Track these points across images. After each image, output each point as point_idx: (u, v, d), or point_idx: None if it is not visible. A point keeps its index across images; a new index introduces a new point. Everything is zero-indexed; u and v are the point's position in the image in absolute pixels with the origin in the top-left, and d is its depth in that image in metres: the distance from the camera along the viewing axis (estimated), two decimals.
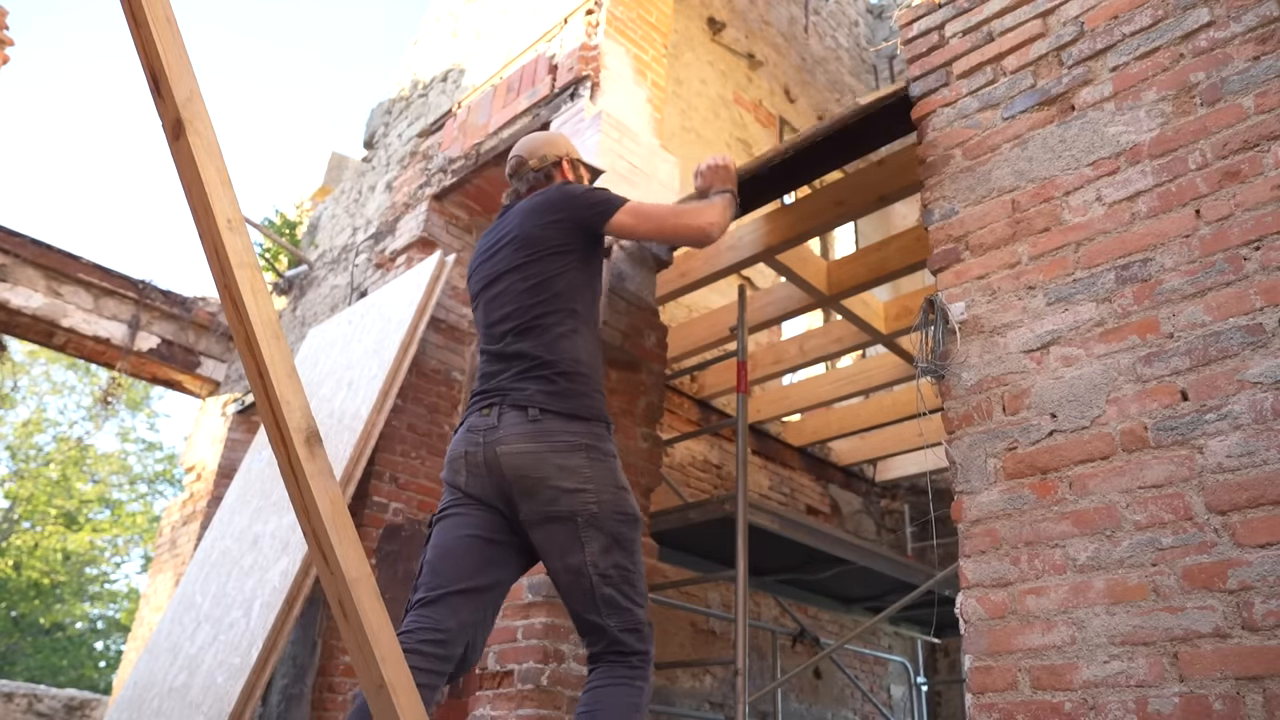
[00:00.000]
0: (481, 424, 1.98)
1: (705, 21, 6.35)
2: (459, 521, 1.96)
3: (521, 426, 1.93)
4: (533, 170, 2.28)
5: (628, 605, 1.91)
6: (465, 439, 2.00)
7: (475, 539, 1.95)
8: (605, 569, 1.89)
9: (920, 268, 3.71)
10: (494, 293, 2.14)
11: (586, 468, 1.92)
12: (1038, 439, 1.92)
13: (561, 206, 2.12)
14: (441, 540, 1.96)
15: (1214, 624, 1.58)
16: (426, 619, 1.85)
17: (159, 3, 1.36)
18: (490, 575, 1.95)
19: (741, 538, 3.30)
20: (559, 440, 1.92)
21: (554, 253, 2.09)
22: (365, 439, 3.70)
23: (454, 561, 1.92)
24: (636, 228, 2.14)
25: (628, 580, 1.92)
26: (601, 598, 1.88)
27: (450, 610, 1.87)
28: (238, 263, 1.36)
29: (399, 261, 4.83)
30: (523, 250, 2.10)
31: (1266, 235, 1.74)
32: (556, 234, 2.10)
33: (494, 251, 2.19)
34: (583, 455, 1.93)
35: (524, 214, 2.16)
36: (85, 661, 17.73)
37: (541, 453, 1.90)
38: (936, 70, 2.46)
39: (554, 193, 2.16)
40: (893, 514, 6.84)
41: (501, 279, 2.12)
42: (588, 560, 1.88)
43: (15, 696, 6.27)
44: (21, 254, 5.42)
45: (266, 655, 3.21)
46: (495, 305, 2.12)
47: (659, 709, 4.37)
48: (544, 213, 2.13)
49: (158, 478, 18.79)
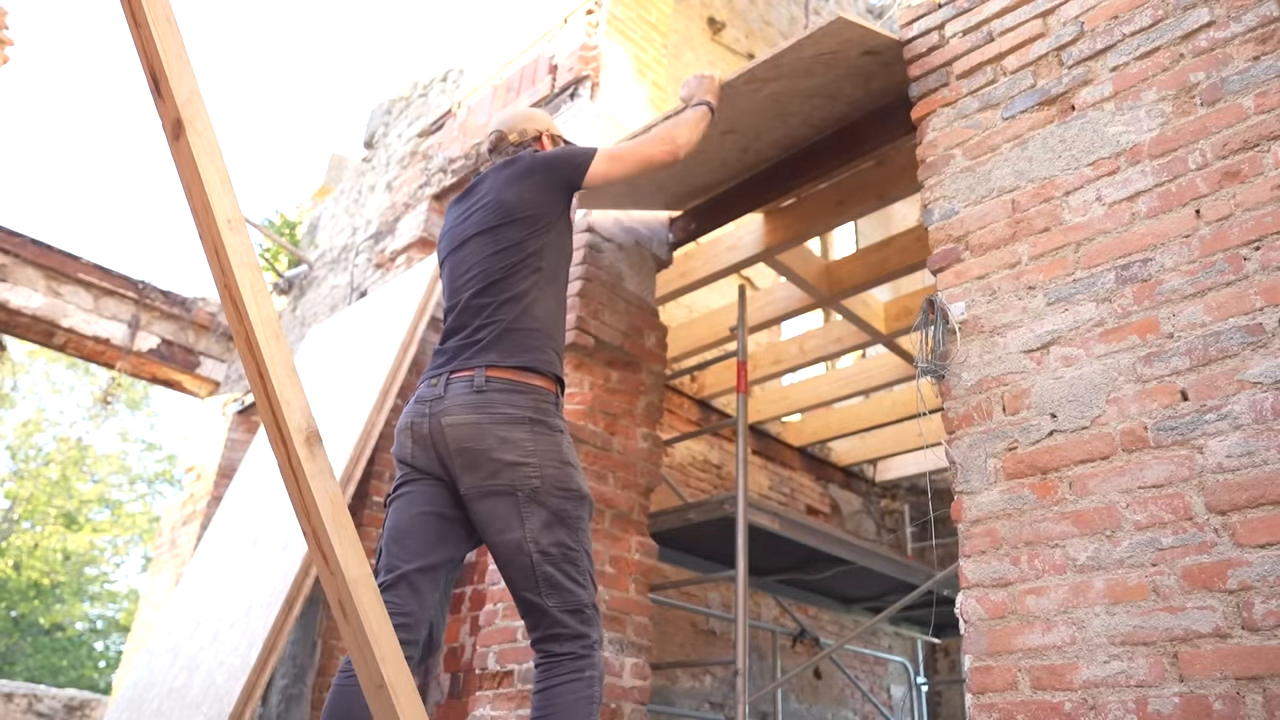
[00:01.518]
0: (429, 394, 1.96)
1: (705, 21, 6.35)
2: (410, 499, 1.94)
3: (465, 397, 1.89)
4: (512, 144, 2.29)
5: (569, 585, 1.85)
6: (412, 410, 1.98)
7: (427, 515, 1.92)
8: (545, 546, 1.84)
9: (920, 268, 3.71)
10: (462, 254, 2.12)
11: (529, 440, 1.87)
12: (1038, 439, 1.92)
13: (537, 168, 2.13)
14: (396, 520, 1.93)
15: (1214, 624, 1.58)
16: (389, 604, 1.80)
17: (159, 3, 1.36)
18: (444, 551, 1.92)
19: (741, 538, 3.30)
20: (501, 412, 1.88)
21: (528, 214, 2.08)
22: (365, 439, 3.70)
23: (409, 540, 1.89)
24: (612, 171, 2.15)
25: (569, 559, 1.87)
26: (541, 575, 1.83)
27: (411, 591, 1.84)
28: (238, 263, 1.36)
29: (399, 261, 4.83)
30: (496, 213, 2.09)
31: (1266, 235, 1.74)
32: (533, 195, 2.09)
33: (466, 215, 2.18)
34: (526, 428, 1.88)
35: (499, 179, 2.15)
36: (85, 661, 17.73)
37: (483, 424, 1.87)
38: (936, 70, 2.46)
39: (527, 157, 2.17)
40: (893, 514, 6.84)
41: (471, 241, 2.11)
42: (527, 536, 1.83)
43: (15, 696, 6.27)
44: (21, 254, 5.42)
45: (266, 655, 3.21)
46: (460, 264, 2.11)
47: (659, 709, 4.37)
48: (520, 176, 2.12)
49: (158, 478, 18.79)
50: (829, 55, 2.66)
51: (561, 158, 2.14)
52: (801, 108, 2.97)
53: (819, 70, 2.74)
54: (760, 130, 3.09)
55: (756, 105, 2.90)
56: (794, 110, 2.98)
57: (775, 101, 2.91)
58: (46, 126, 30.52)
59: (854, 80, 2.82)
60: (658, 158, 2.20)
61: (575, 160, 2.13)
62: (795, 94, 2.88)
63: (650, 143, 2.20)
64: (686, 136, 2.26)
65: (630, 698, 3.03)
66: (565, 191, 2.13)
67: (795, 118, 3.03)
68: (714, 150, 3.15)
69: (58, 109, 30.91)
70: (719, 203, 3.58)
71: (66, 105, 31.34)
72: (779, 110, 2.97)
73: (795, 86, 2.83)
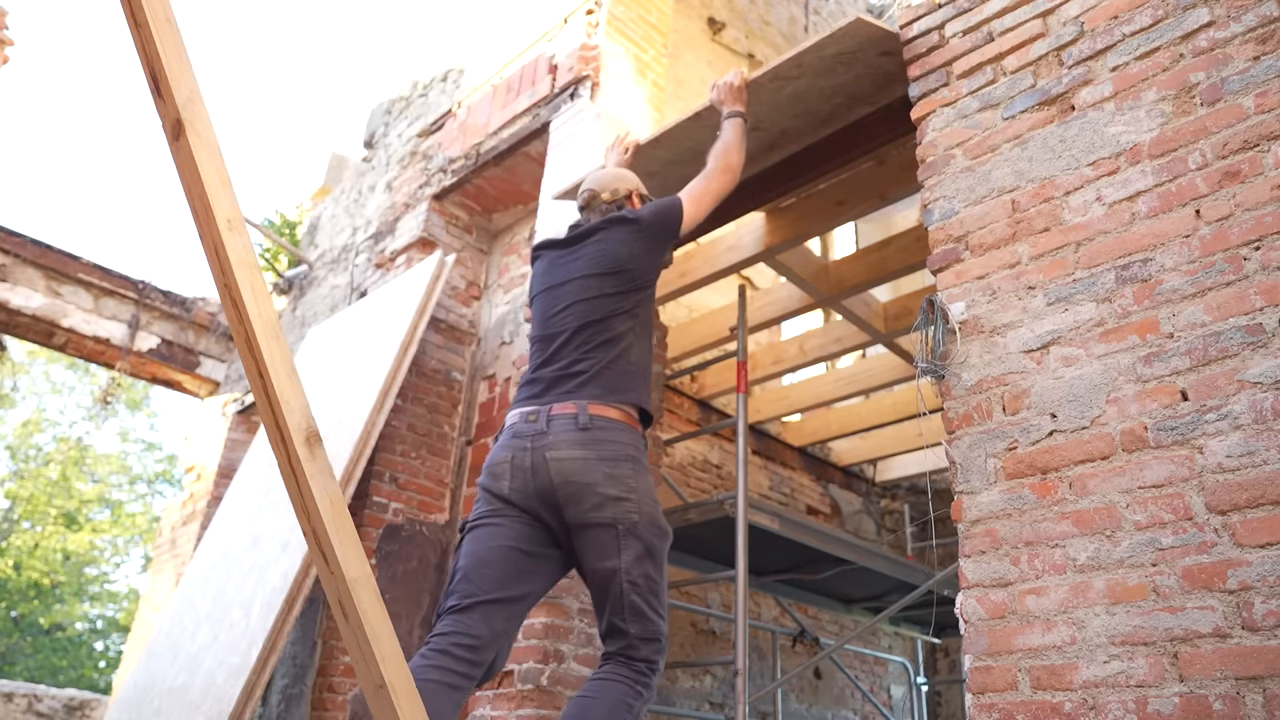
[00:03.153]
0: (528, 430, 2.05)
1: (705, 21, 6.35)
2: (495, 531, 2.01)
3: (571, 434, 2.00)
4: (604, 203, 2.45)
5: (650, 615, 1.98)
6: (511, 445, 2.06)
7: (511, 550, 2.00)
8: (636, 577, 1.96)
9: (920, 268, 3.71)
10: (561, 291, 2.27)
11: (632, 477, 2.00)
12: (1038, 439, 1.92)
13: (649, 228, 2.31)
14: (476, 549, 2.01)
15: (1214, 624, 1.58)
16: (460, 624, 1.91)
17: (159, 3, 1.36)
18: (523, 586, 2.01)
19: (741, 538, 3.30)
20: (607, 449, 1.99)
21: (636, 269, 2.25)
22: (365, 439, 3.70)
23: (489, 571, 1.97)
24: (697, 214, 2.38)
25: (653, 591, 2.00)
26: (629, 604, 1.96)
27: (483, 618, 1.92)
28: (238, 263, 1.36)
29: (399, 261, 4.83)
30: (605, 262, 2.24)
31: (1266, 235, 1.74)
32: (642, 252, 2.27)
33: (569, 258, 2.33)
34: (629, 465, 2.01)
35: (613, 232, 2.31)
36: (85, 661, 17.72)
37: (590, 460, 1.98)
38: (936, 70, 2.46)
39: (632, 213, 2.35)
40: (893, 514, 6.84)
41: (574, 282, 2.25)
42: (622, 566, 1.96)
43: (15, 696, 6.27)
44: (21, 254, 5.42)
45: (266, 655, 3.21)
46: (558, 300, 2.25)
47: (659, 709, 4.38)
48: (635, 234, 2.29)
49: (158, 478, 18.79)
50: (849, 54, 2.69)
51: (664, 216, 2.34)
52: (824, 107, 2.99)
53: (840, 70, 2.77)
54: (786, 129, 3.12)
55: (779, 103, 2.94)
56: (817, 109, 3.00)
57: (798, 100, 2.94)
58: (46, 126, 30.50)
59: (875, 80, 2.84)
60: (726, 188, 2.46)
61: (673, 216, 2.34)
62: (817, 93, 2.91)
63: (714, 177, 2.45)
64: (739, 158, 2.51)
65: None
66: (668, 246, 2.37)
67: (818, 116, 3.05)
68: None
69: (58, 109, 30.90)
70: None
71: (66, 105, 31.33)
72: (803, 109, 3.00)
73: (817, 85, 2.86)
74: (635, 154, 3.01)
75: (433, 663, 1.83)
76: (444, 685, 1.80)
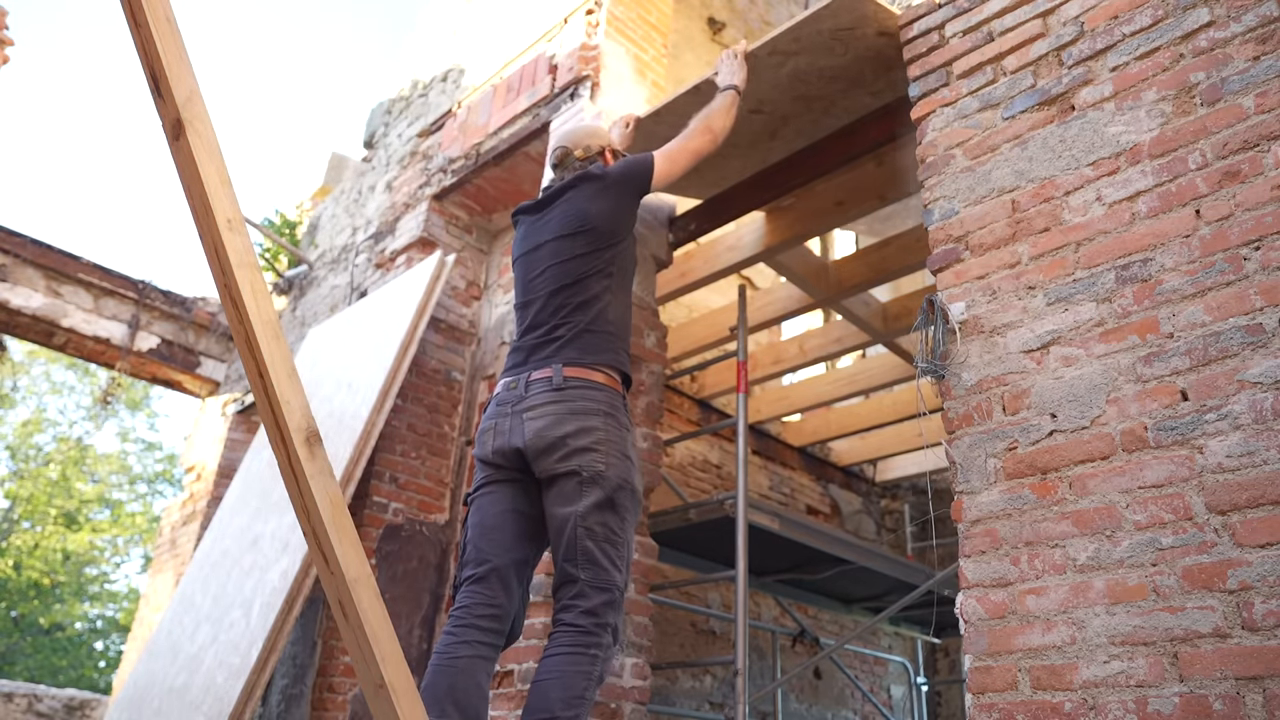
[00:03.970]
0: (510, 397, 2.10)
1: (705, 21, 6.35)
2: (493, 499, 2.07)
3: (546, 393, 2.04)
4: (578, 159, 2.44)
5: (604, 563, 1.95)
6: (495, 413, 2.12)
7: (510, 513, 2.05)
8: (592, 524, 1.95)
9: (920, 268, 3.71)
10: (537, 255, 2.27)
11: (601, 429, 2.01)
12: (1038, 439, 1.92)
13: (616, 181, 2.30)
14: (480, 518, 2.06)
15: (1214, 624, 1.58)
16: (479, 594, 1.95)
17: (159, 3, 1.36)
18: (528, 548, 2.06)
19: (741, 538, 3.30)
20: (579, 404, 2.02)
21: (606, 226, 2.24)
22: (365, 439, 3.70)
23: (496, 536, 2.02)
24: (671, 170, 2.36)
25: (611, 541, 1.97)
26: (581, 549, 1.94)
27: (500, 584, 1.97)
28: (238, 263, 1.36)
29: (399, 261, 4.83)
30: (574, 220, 2.24)
31: (1266, 235, 1.74)
32: (611, 207, 2.26)
33: (542, 221, 2.33)
34: (600, 418, 2.02)
35: (581, 191, 2.30)
36: (85, 661, 17.71)
37: (561, 414, 2.01)
38: (936, 70, 2.46)
39: (609, 172, 2.34)
40: (893, 514, 6.84)
41: (547, 245, 2.26)
42: (579, 510, 1.95)
43: (15, 696, 6.27)
44: (21, 254, 5.42)
45: (266, 655, 3.21)
46: (535, 265, 2.27)
47: (659, 709, 4.37)
48: (602, 189, 2.28)
49: (158, 478, 18.79)
50: (845, 31, 2.70)
51: (632, 169, 2.32)
52: (825, 90, 2.99)
53: (838, 48, 2.78)
54: (787, 114, 3.12)
55: (779, 82, 2.93)
56: (817, 94, 3.00)
57: (799, 80, 2.93)
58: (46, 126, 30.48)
59: (874, 65, 2.83)
60: (703, 148, 2.42)
61: (642, 169, 2.32)
62: (817, 74, 2.90)
63: (693, 136, 2.42)
64: (721, 122, 2.48)
65: (630, 698, 3.03)
66: (636, 200, 2.33)
67: (819, 102, 3.05)
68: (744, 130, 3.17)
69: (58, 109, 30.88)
70: (720, 202, 3.58)
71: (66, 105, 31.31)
72: (804, 91, 2.99)
73: (816, 64, 2.86)
74: (636, 129, 3.01)
75: (461, 638, 1.89)
76: (476, 658, 1.87)
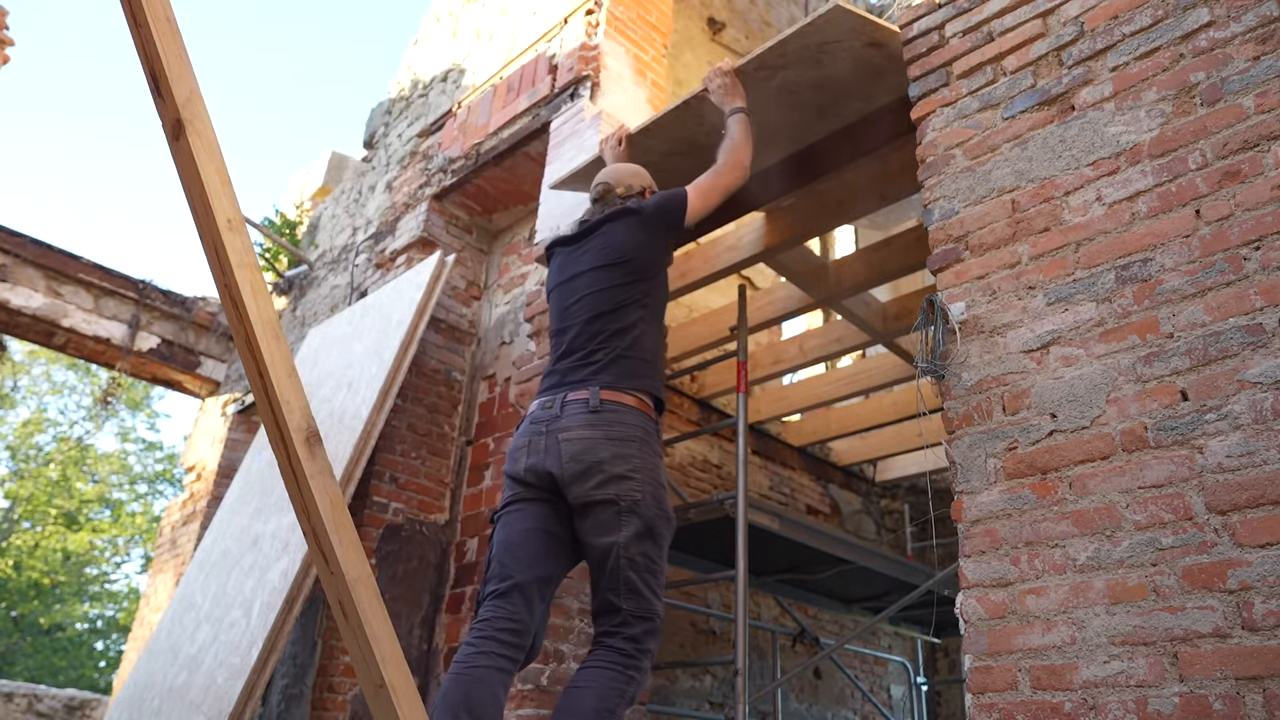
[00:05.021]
0: (544, 415, 2.13)
1: (705, 21, 6.35)
2: (520, 516, 2.09)
3: (582, 416, 2.06)
4: (619, 196, 2.54)
5: (646, 593, 1.99)
6: (528, 430, 2.15)
7: (536, 531, 2.07)
8: (634, 555, 1.98)
9: (920, 268, 3.70)
10: (574, 284, 2.33)
11: (638, 457, 2.04)
12: (1038, 439, 1.92)
13: (655, 218, 2.38)
14: (506, 535, 2.08)
15: (1214, 624, 1.58)
16: (501, 609, 1.97)
17: (159, 3, 1.36)
18: (551, 566, 2.08)
19: (741, 537, 3.29)
20: (615, 429, 2.04)
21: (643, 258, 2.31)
22: (365, 439, 3.70)
23: (520, 554, 2.03)
24: (704, 207, 2.44)
25: (650, 571, 2.01)
26: (624, 580, 1.97)
27: (523, 600, 1.99)
28: (238, 263, 1.37)
29: (399, 261, 4.83)
30: (613, 252, 2.31)
31: (1266, 235, 1.74)
32: (647, 241, 2.34)
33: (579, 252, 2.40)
34: (636, 445, 2.05)
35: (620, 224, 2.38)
36: (85, 661, 17.71)
37: (597, 439, 2.03)
38: (936, 70, 2.46)
39: (636, 204, 2.43)
40: (893, 514, 6.84)
41: (585, 275, 2.32)
42: (621, 541, 1.98)
43: (15, 696, 6.26)
44: (22, 254, 5.42)
45: (266, 655, 3.21)
46: (572, 293, 2.32)
47: (659, 709, 4.37)
48: (641, 224, 2.36)
49: (158, 478, 18.79)
50: (833, 44, 2.69)
51: (667, 205, 2.40)
52: (816, 99, 2.97)
53: (826, 60, 2.76)
54: (779, 125, 3.11)
55: (768, 95, 2.92)
56: (807, 102, 2.99)
57: (788, 92, 2.92)
58: (46, 126, 30.46)
59: (864, 74, 2.82)
60: (735, 183, 2.51)
61: (677, 205, 2.40)
62: (807, 85, 2.89)
63: (723, 173, 2.50)
64: (747, 153, 2.56)
65: None
66: (672, 236, 2.43)
67: (810, 110, 3.04)
68: None
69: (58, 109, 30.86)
70: None
71: (66, 105, 31.29)
72: (794, 101, 2.98)
73: (805, 76, 2.84)
74: (629, 146, 3.02)
75: (481, 649, 1.91)
76: (494, 670, 1.88)
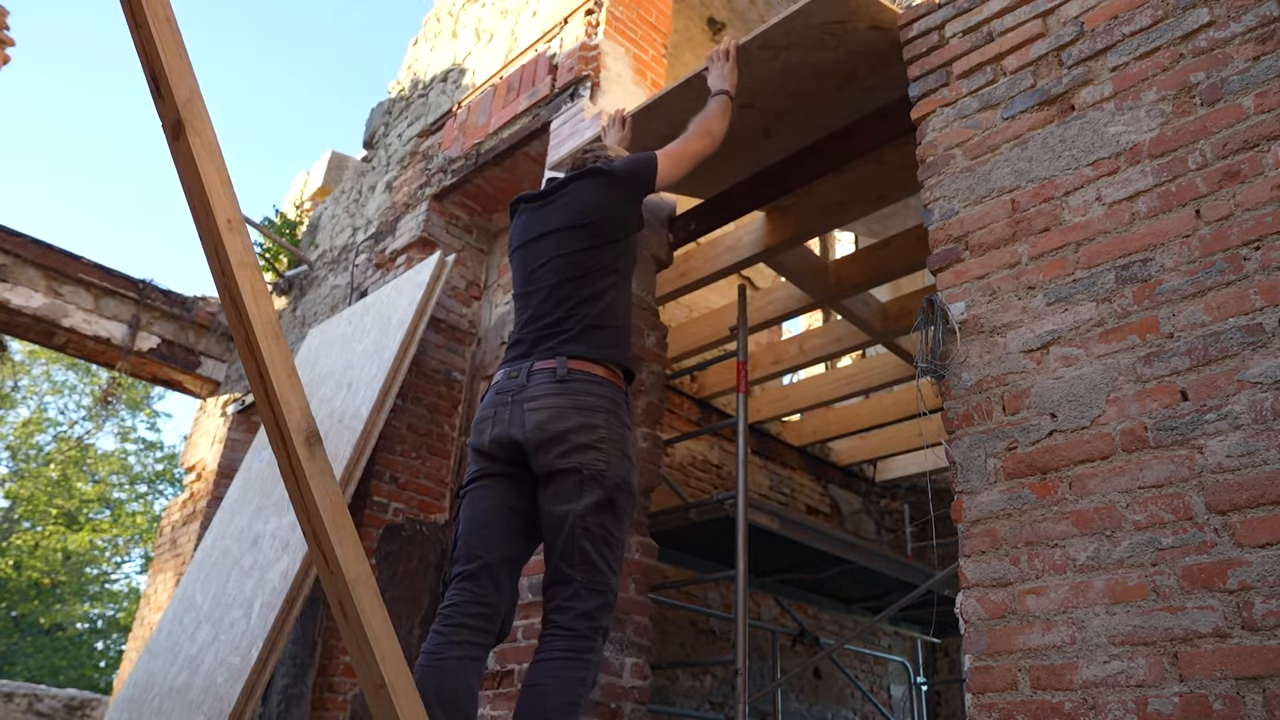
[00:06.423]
0: (510, 385, 2.07)
1: (705, 21, 6.35)
2: (486, 492, 2.03)
3: (548, 385, 2.01)
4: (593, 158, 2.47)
5: (600, 565, 1.93)
6: (494, 401, 2.09)
7: (503, 508, 2.01)
8: (590, 525, 1.92)
9: (920, 268, 3.71)
10: (540, 246, 2.26)
11: (604, 428, 1.98)
12: (1038, 439, 1.92)
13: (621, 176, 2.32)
14: (471, 513, 2.02)
15: (1214, 624, 1.58)
16: (469, 592, 1.92)
17: (159, 3, 1.36)
18: (519, 545, 2.02)
19: (741, 537, 3.29)
20: (583, 399, 1.99)
21: (611, 219, 2.24)
22: (365, 439, 3.70)
23: (487, 533, 1.98)
24: (674, 171, 2.39)
25: (607, 543, 1.95)
26: (579, 549, 1.91)
27: (491, 582, 1.94)
28: (238, 263, 1.36)
29: (399, 261, 4.83)
30: (580, 212, 2.24)
31: (1266, 235, 1.74)
32: (615, 201, 2.27)
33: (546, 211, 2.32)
34: (603, 415, 1.99)
35: (585, 184, 2.30)
36: (85, 661, 17.71)
37: (563, 407, 1.97)
38: (936, 70, 2.46)
39: (605, 164, 2.35)
40: (893, 514, 6.84)
41: (550, 235, 2.24)
42: (579, 510, 1.92)
43: (15, 696, 6.26)
44: (22, 254, 5.42)
45: (267, 655, 3.21)
46: (537, 255, 2.24)
47: (659, 709, 4.37)
48: (607, 184, 2.29)
49: (158, 478, 18.79)
50: (837, 25, 2.68)
51: (636, 165, 2.34)
52: (819, 87, 2.96)
53: (830, 42, 2.74)
54: (780, 111, 3.09)
55: (771, 77, 2.90)
56: (811, 90, 2.97)
57: (791, 75, 2.90)
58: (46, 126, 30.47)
59: (868, 61, 2.81)
60: (703, 151, 2.46)
61: (647, 166, 2.35)
62: (809, 70, 2.87)
63: (693, 139, 2.45)
64: (719, 126, 2.52)
65: (630, 697, 3.03)
66: (640, 196, 2.35)
67: (813, 99, 3.02)
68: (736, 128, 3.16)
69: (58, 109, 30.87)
70: (719, 202, 3.57)
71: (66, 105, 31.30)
72: (796, 87, 2.96)
73: (809, 59, 2.83)
74: (632, 128, 3.01)
75: (450, 638, 1.86)
76: (466, 659, 1.84)
